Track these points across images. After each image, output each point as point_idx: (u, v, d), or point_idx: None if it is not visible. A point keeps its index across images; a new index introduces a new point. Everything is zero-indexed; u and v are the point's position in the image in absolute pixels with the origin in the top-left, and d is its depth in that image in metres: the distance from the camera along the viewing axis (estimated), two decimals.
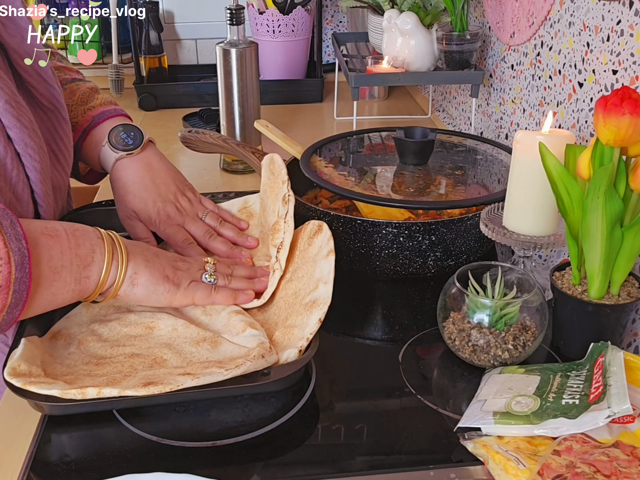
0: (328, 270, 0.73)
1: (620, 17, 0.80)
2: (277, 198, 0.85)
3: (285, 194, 0.81)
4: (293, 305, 0.75)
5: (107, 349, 0.72)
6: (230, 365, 0.63)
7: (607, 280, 0.71)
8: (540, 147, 0.71)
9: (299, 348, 0.67)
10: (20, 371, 0.64)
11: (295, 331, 0.70)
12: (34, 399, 0.63)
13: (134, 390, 0.61)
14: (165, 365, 0.69)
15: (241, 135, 1.26)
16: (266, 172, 0.90)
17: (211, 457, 0.63)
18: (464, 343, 0.73)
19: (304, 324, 0.70)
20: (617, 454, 0.56)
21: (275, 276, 0.79)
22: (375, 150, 1.15)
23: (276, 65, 1.68)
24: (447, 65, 1.27)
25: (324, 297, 0.71)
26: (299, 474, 0.62)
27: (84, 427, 0.66)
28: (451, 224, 0.87)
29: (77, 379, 0.66)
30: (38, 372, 0.65)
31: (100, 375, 0.67)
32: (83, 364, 0.69)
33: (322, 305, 0.70)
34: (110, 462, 0.63)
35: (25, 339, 0.68)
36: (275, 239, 0.80)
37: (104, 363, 0.69)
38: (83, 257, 0.68)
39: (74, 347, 0.72)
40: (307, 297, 0.73)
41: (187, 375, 0.63)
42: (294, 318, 0.73)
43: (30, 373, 0.64)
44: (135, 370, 0.68)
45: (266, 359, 0.65)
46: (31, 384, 0.62)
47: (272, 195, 0.87)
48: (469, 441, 0.62)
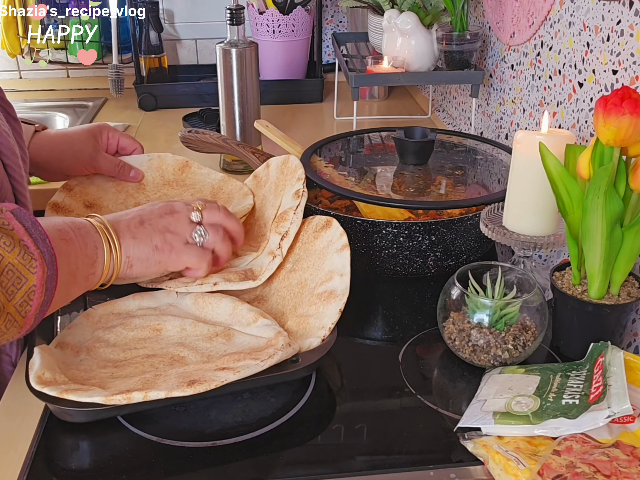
0: (343, 264, 0.75)
1: (620, 17, 0.80)
2: (280, 194, 0.85)
3: (300, 189, 0.83)
4: (300, 294, 0.77)
5: (119, 352, 0.72)
6: (263, 356, 0.65)
7: (607, 280, 0.71)
8: (540, 147, 0.71)
9: (321, 337, 0.69)
10: (46, 379, 0.63)
11: (311, 320, 0.72)
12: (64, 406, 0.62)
13: (180, 391, 0.61)
14: (185, 362, 0.69)
15: (241, 135, 1.26)
16: (275, 171, 0.91)
17: (211, 457, 0.63)
18: (464, 343, 0.73)
19: (319, 313, 0.72)
20: (617, 454, 0.56)
21: (275, 262, 0.80)
22: (375, 150, 1.15)
23: (276, 65, 1.68)
24: (447, 65, 1.27)
25: (342, 288, 0.73)
26: (299, 474, 0.62)
27: (84, 428, 0.66)
28: (451, 224, 0.87)
29: (104, 383, 0.65)
30: (63, 379, 0.65)
31: (125, 376, 0.66)
32: (100, 368, 0.69)
33: (341, 296, 0.72)
34: (110, 462, 0.63)
35: (38, 347, 0.68)
36: (281, 227, 0.81)
37: (121, 365, 0.69)
38: (90, 255, 0.70)
39: (83, 354, 0.72)
40: (320, 287, 0.74)
41: (225, 370, 0.63)
42: (305, 307, 0.74)
43: (55, 380, 0.64)
44: (158, 369, 0.67)
45: (292, 347, 0.67)
46: (67, 392, 0.61)
47: (275, 191, 0.88)
48: (469, 441, 0.62)
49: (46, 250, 0.62)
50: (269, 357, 0.64)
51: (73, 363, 0.70)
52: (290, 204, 0.82)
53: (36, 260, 0.61)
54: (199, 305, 0.77)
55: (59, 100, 1.70)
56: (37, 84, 1.83)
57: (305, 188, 0.83)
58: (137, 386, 0.63)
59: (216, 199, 0.97)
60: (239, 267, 0.83)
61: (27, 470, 0.61)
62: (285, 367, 0.66)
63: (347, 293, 0.72)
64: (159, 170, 1.01)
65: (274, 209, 0.86)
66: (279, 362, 0.65)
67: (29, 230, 0.62)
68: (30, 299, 0.61)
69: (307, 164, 0.99)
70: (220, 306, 0.76)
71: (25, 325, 0.63)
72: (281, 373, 0.66)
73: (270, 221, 0.86)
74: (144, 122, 1.55)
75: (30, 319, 0.62)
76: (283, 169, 0.89)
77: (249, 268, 0.81)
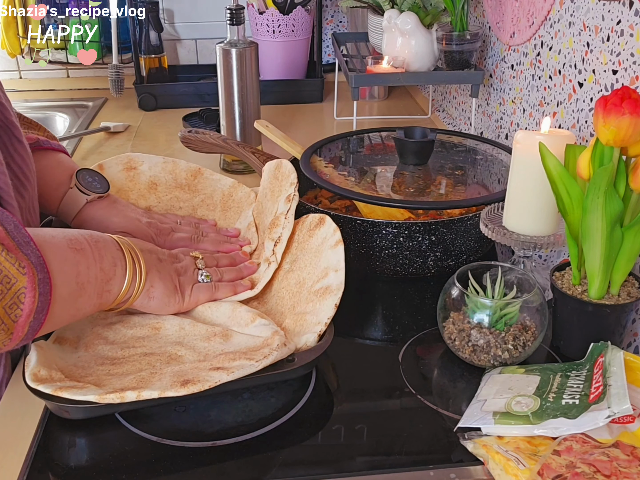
0: (337, 259, 0.75)
1: (620, 17, 0.80)
2: (277, 200, 0.85)
3: (291, 194, 0.83)
4: (298, 293, 0.77)
5: (117, 350, 0.72)
6: (259, 356, 0.65)
7: (607, 280, 0.71)
8: (540, 147, 0.71)
9: (317, 333, 0.69)
10: (42, 376, 0.63)
11: (308, 317, 0.72)
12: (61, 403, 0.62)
13: (173, 391, 0.61)
14: (182, 360, 0.69)
15: (241, 135, 1.26)
16: (268, 176, 0.91)
17: (211, 457, 0.63)
18: (464, 343, 0.73)
19: (316, 310, 0.72)
20: (617, 454, 0.56)
21: (270, 268, 0.80)
22: (375, 150, 1.15)
23: (276, 65, 1.68)
24: (447, 65, 1.27)
25: (337, 283, 0.73)
26: (299, 474, 0.62)
27: (84, 428, 0.66)
28: (451, 224, 0.87)
29: (101, 380, 0.65)
30: (59, 376, 0.65)
31: (121, 374, 0.67)
32: (97, 365, 0.69)
33: (336, 291, 0.72)
34: (110, 462, 0.63)
35: (34, 344, 0.68)
36: (273, 233, 0.81)
37: (119, 363, 0.69)
38: (106, 270, 0.68)
39: (82, 350, 0.72)
40: (316, 284, 0.74)
41: (219, 370, 0.63)
42: (303, 305, 0.74)
43: (51, 378, 0.64)
44: (154, 367, 0.68)
45: (288, 347, 0.67)
46: (62, 390, 0.61)
47: (272, 197, 0.88)
48: (469, 441, 0.62)
49: (31, 253, 0.60)
50: (264, 357, 0.64)
51: (71, 359, 0.70)
52: (282, 209, 0.82)
53: (22, 262, 0.59)
54: (198, 310, 0.78)
55: (59, 100, 1.71)
56: (37, 84, 1.83)
57: (297, 192, 0.83)
58: (132, 384, 0.63)
59: (226, 207, 0.98)
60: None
61: (27, 470, 0.61)
62: (282, 367, 0.66)
63: (342, 288, 0.72)
64: (172, 174, 1.01)
65: (272, 215, 0.86)
66: (275, 361, 0.65)
67: (11, 233, 0.60)
68: (21, 302, 0.59)
69: (307, 164, 0.99)
70: (220, 310, 0.77)
71: (17, 332, 0.59)
72: (276, 372, 0.65)
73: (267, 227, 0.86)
74: (144, 122, 1.55)
75: (22, 325, 0.59)
76: (277, 174, 0.89)
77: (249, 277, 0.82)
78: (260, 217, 0.92)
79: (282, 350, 0.66)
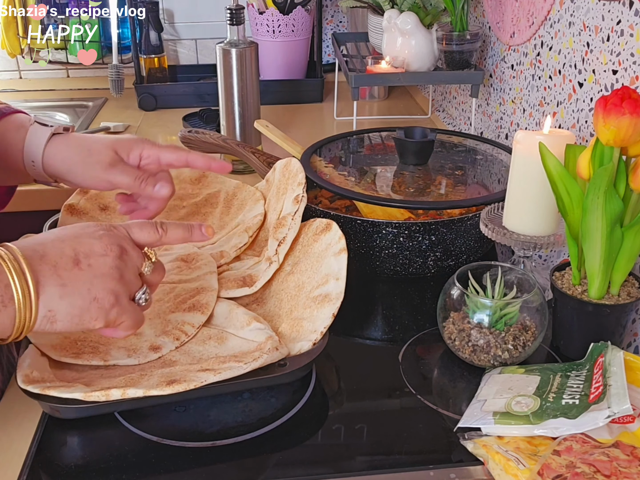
0: (339, 268, 0.74)
1: (620, 17, 0.80)
2: (282, 198, 0.85)
3: (299, 194, 0.82)
4: (297, 297, 0.76)
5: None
6: (248, 359, 0.64)
7: (607, 280, 0.71)
8: (540, 147, 0.71)
9: (313, 341, 0.69)
10: (34, 377, 0.64)
11: (305, 324, 0.71)
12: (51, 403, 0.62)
13: (159, 390, 0.61)
14: (175, 365, 0.69)
15: (241, 135, 1.26)
16: (278, 174, 0.91)
17: (211, 457, 0.63)
18: (464, 343, 0.73)
19: (313, 317, 0.71)
20: (617, 454, 0.56)
21: (271, 268, 0.80)
22: (375, 150, 1.15)
23: (276, 65, 1.68)
24: (447, 65, 1.27)
25: (337, 292, 0.72)
26: (299, 474, 0.62)
27: (83, 428, 0.66)
28: (451, 224, 0.87)
29: (92, 381, 0.65)
30: (51, 377, 0.65)
31: (115, 376, 0.67)
32: (91, 368, 0.69)
33: (335, 301, 0.72)
34: (110, 462, 0.63)
35: (31, 346, 0.68)
36: (279, 233, 0.81)
37: (112, 367, 0.69)
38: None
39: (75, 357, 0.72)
40: (315, 290, 0.74)
41: (207, 371, 0.63)
42: (300, 311, 0.74)
43: (43, 379, 0.64)
44: (145, 370, 0.67)
45: (280, 351, 0.67)
46: (49, 389, 0.61)
47: (278, 194, 0.88)
48: (469, 441, 0.62)
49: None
50: (253, 359, 0.64)
51: (66, 362, 0.70)
52: (290, 210, 0.82)
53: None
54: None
55: (59, 100, 1.71)
56: (37, 84, 1.83)
57: (305, 193, 0.83)
58: (121, 384, 0.63)
59: (229, 206, 0.98)
60: (238, 271, 0.83)
61: (27, 470, 0.61)
62: (273, 371, 0.65)
63: (341, 297, 0.72)
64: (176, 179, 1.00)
65: (276, 213, 0.86)
66: (264, 365, 0.65)
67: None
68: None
69: (307, 164, 0.99)
70: (217, 310, 0.76)
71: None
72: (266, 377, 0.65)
73: (272, 226, 0.86)
74: (144, 122, 1.55)
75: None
76: (285, 172, 0.89)
77: (248, 274, 0.82)
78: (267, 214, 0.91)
79: (273, 354, 0.66)
